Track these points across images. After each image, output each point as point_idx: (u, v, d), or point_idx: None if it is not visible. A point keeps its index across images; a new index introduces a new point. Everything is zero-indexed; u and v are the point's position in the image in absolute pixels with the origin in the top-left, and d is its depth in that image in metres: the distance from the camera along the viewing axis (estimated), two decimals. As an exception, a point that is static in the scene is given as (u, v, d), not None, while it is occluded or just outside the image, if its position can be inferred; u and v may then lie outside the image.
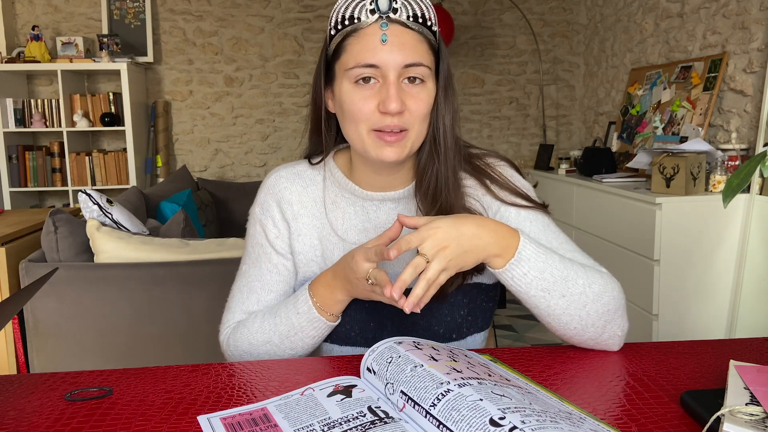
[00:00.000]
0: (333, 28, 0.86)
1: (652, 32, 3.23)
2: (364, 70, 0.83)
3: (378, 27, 0.83)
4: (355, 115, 0.86)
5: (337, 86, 0.88)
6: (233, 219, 3.75)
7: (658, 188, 2.35)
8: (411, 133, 0.87)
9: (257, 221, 1.00)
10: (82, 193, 2.00)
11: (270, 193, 1.00)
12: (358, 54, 0.83)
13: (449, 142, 0.91)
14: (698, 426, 0.67)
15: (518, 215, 0.94)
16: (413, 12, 0.83)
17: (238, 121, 4.13)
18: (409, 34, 0.83)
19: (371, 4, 0.82)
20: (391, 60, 0.82)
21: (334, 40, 0.86)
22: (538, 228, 0.94)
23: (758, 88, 2.42)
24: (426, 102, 0.86)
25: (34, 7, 3.90)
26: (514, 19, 4.17)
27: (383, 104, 0.83)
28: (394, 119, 0.84)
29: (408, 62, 0.83)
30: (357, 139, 0.88)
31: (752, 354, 0.88)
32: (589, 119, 4.12)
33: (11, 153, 3.71)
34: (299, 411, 0.71)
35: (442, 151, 0.91)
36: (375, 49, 0.82)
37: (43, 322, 1.85)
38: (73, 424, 0.70)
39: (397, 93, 0.83)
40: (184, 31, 4.02)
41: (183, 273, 1.86)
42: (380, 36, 0.82)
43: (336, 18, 0.85)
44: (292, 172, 1.01)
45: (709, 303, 2.33)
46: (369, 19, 0.83)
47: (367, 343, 0.96)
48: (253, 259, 1.00)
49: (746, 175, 0.79)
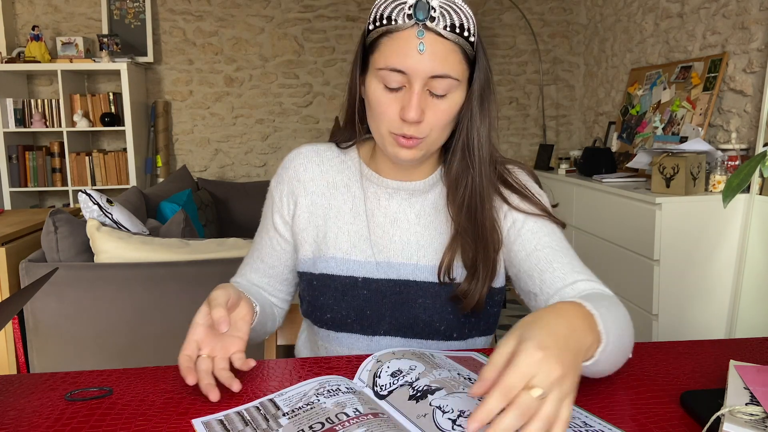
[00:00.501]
0: (372, 23, 0.86)
1: (652, 32, 3.23)
2: (392, 74, 0.84)
3: (413, 33, 0.82)
4: (378, 115, 0.87)
5: (368, 79, 0.89)
6: (233, 219, 3.76)
7: (658, 188, 2.35)
8: (427, 139, 0.88)
9: (270, 193, 1.05)
10: (82, 193, 2.00)
11: (285, 168, 1.03)
12: (389, 56, 0.83)
13: (484, 153, 0.91)
14: (698, 426, 0.67)
15: (525, 220, 0.94)
16: (451, 22, 0.82)
17: (238, 121, 4.13)
18: (443, 44, 0.83)
19: (410, 9, 0.82)
20: (420, 69, 0.82)
21: (372, 33, 0.87)
22: (542, 233, 0.93)
23: (758, 88, 2.42)
24: (446, 113, 0.86)
25: (34, 7, 3.90)
26: (514, 19, 4.18)
27: (403, 111, 0.84)
28: (411, 128, 0.85)
29: (436, 73, 0.83)
30: (377, 134, 0.90)
31: (752, 354, 0.88)
32: (589, 119, 4.12)
33: (11, 153, 3.71)
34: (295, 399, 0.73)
35: (476, 162, 0.91)
36: (406, 56, 0.82)
37: (43, 322, 1.85)
38: (73, 424, 0.70)
39: (418, 103, 0.83)
40: (184, 31, 4.02)
41: (183, 273, 1.86)
42: (415, 43, 0.82)
43: (375, 14, 0.85)
44: (313, 150, 1.03)
45: (709, 303, 2.33)
46: (405, 24, 0.82)
47: (363, 330, 0.96)
48: (259, 229, 1.07)
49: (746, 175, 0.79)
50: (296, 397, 0.74)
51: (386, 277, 0.96)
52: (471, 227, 0.92)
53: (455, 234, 0.94)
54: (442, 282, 0.94)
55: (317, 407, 0.71)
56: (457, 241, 0.93)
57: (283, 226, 1.02)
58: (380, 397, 0.73)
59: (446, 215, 0.96)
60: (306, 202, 1.00)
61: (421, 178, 0.98)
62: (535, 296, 0.91)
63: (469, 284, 0.92)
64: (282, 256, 1.04)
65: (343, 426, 0.66)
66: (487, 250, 0.92)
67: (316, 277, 0.97)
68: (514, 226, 0.94)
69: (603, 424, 0.67)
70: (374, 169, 0.99)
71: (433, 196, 0.98)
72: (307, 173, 1.00)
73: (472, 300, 0.91)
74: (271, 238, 1.03)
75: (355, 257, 0.96)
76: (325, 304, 0.96)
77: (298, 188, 1.00)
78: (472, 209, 0.92)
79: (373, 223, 0.97)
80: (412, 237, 0.97)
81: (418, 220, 0.97)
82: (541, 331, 0.59)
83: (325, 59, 4.12)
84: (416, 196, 0.98)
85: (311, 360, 0.88)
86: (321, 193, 1.00)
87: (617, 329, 0.72)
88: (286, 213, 1.01)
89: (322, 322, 0.98)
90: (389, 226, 0.97)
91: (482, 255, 0.92)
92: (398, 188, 0.97)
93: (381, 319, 0.96)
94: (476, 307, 0.92)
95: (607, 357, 0.70)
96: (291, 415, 0.70)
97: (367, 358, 0.80)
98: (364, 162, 1.00)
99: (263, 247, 1.05)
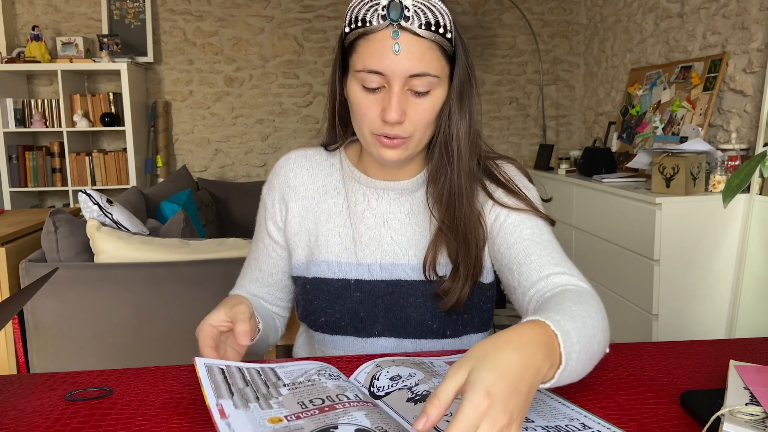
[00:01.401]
0: (347, 25, 0.86)
1: (652, 32, 3.23)
2: (370, 76, 0.83)
3: (388, 34, 0.82)
4: (360, 117, 0.87)
5: (349, 82, 0.88)
6: (233, 219, 3.76)
7: (658, 188, 2.35)
8: (411, 139, 0.87)
9: (262, 200, 1.05)
10: (82, 193, 2.00)
11: (276, 174, 1.03)
12: (366, 58, 0.83)
13: (463, 150, 0.90)
14: (698, 426, 0.67)
15: (507, 214, 0.92)
16: (426, 20, 0.82)
17: (238, 121, 4.13)
18: (419, 43, 0.82)
19: (383, 9, 0.81)
20: (398, 69, 0.82)
21: (348, 36, 0.86)
22: (524, 226, 0.91)
23: (758, 88, 2.41)
24: (429, 111, 0.86)
25: (34, 7, 3.90)
26: (514, 19, 4.17)
27: (384, 113, 0.83)
28: (393, 128, 0.85)
29: (414, 72, 0.82)
30: (361, 136, 0.90)
31: (752, 354, 0.88)
32: (589, 119, 4.12)
33: (11, 153, 3.71)
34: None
35: (455, 159, 0.90)
36: (382, 57, 0.82)
37: (43, 322, 1.85)
38: (73, 424, 0.70)
39: (398, 103, 0.83)
40: (184, 31, 4.02)
41: (183, 273, 1.86)
42: (390, 44, 0.81)
43: (350, 16, 0.85)
44: (302, 155, 1.03)
45: (709, 303, 2.33)
46: (380, 25, 0.82)
47: (357, 332, 0.96)
48: (254, 238, 1.07)
49: (746, 175, 0.79)
50: (298, 372, 0.74)
51: (378, 278, 0.96)
52: (451, 223, 0.92)
53: (438, 230, 0.94)
54: (429, 279, 0.94)
55: (318, 385, 0.70)
56: (440, 237, 0.93)
57: (277, 233, 1.02)
58: (376, 398, 0.73)
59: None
60: (297, 207, 1.00)
61: (409, 177, 0.97)
62: (515, 289, 0.89)
63: (452, 282, 0.92)
64: (279, 263, 1.03)
65: (344, 406, 0.65)
66: (468, 246, 0.91)
67: (309, 281, 0.97)
68: (497, 220, 0.93)
69: (603, 424, 0.67)
70: (362, 170, 0.98)
71: (421, 195, 0.98)
72: (297, 178, 1.00)
73: (451, 298, 0.91)
74: (266, 245, 1.03)
75: (347, 260, 0.96)
76: (319, 308, 0.96)
77: (288, 193, 1.00)
78: (451, 206, 0.91)
79: (364, 225, 0.97)
80: (402, 236, 0.97)
81: (408, 219, 0.97)
82: (492, 372, 0.55)
83: (325, 59, 4.12)
84: (405, 195, 0.98)
85: (317, 359, 0.88)
86: (311, 197, 1.00)
87: (584, 339, 0.68)
88: (278, 219, 1.01)
89: (317, 326, 0.98)
90: (380, 227, 0.97)
91: (463, 251, 0.91)
92: (387, 188, 0.97)
93: (375, 320, 0.96)
94: (455, 305, 0.91)
95: (570, 373, 0.66)
96: (291, 387, 0.70)
97: (366, 360, 0.80)
98: (352, 164, 1.00)
99: (260, 256, 1.04)
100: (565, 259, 0.88)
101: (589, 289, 0.82)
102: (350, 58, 0.87)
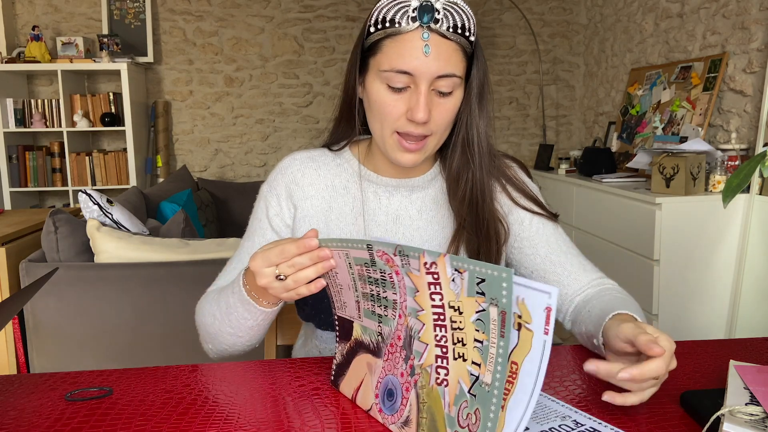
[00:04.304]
0: (372, 25, 0.86)
1: (652, 32, 3.23)
2: (397, 76, 0.84)
3: (418, 35, 0.83)
4: (383, 116, 0.87)
5: (369, 81, 0.89)
6: (233, 219, 3.75)
7: (658, 188, 2.35)
8: (432, 139, 0.89)
9: (263, 198, 1.02)
10: (82, 193, 2.00)
11: (281, 173, 1.01)
12: (394, 59, 0.84)
13: (484, 148, 0.93)
14: (698, 426, 0.67)
15: (531, 220, 0.98)
16: (454, 23, 0.83)
17: (238, 121, 4.13)
18: (446, 45, 0.84)
19: (414, 11, 0.82)
20: (426, 70, 0.83)
21: (372, 36, 0.87)
22: (549, 234, 0.98)
23: (758, 88, 2.41)
24: (451, 110, 0.88)
25: (34, 7, 3.90)
26: (514, 19, 4.18)
27: (411, 112, 0.85)
28: (418, 128, 0.86)
29: (441, 73, 0.84)
30: (379, 135, 0.90)
31: (752, 354, 0.88)
32: (589, 119, 4.12)
33: (11, 153, 3.71)
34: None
35: (476, 157, 0.93)
36: (411, 57, 0.83)
37: (43, 322, 1.85)
38: (73, 424, 0.70)
39: (426, 103, 0.84)
40: (184, 31, 4.02)
41: (183, 273, 1.86)
42: (420, 45, 0.83)
43: (377, 16, 0.85)
44: (307, 156, 1.02)
45: (709, 303, 2.33)
46: (410, 26, 0.83)
47: None
48: (249, 233, 1.02)
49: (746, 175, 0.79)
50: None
51: None
52: (474, 221, 0.94)
53: (459, 228, 0.95)
54: None
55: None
56: (461, 234, 0.95)
57: (285, 230, 1.00)
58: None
59: (448, 209, 0.97)
60: (306, 206, 0.99)
61: (419, 174, 0.99)
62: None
63: None
64: None
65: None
66: (489, 242, 0.94)
67: None
68: (521, 225, 0.98)
69: (603, 423, 0.67)
70: (372, 168, 0.99)
71: (433, 191, 0.99)
72: (305, 178, 1.00)
73: None
74: (268, 240, 1.00)
75: None
76: (330, 307, 0.96)
77: (296, 192, 0.99)
78: (474, 203, 0.94)
79: (375, 223, 0.97)
80: (415, 233, 0.97)
81: (420, 215, 0.98)
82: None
83: (325, 59, 4.12)
84: (416, 192, 0.98)
85: (318, 359, 0.88)
86: (321, 197, 0.99)
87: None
88: (287, 217, 0.99)
89: (327, 325, 0.98)
90: (392, 224, 0.97)
91: (485, 248, 0.94)
92: (398, 185, 0.98)
93: None
94: None
95: None
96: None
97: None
98: (361, 162, 1.00)
99: (256, 250, 1.02)
100: (589, 261, 0.98)
101: (618, 287, 0.95)
102: (373, 58, 0.87)
